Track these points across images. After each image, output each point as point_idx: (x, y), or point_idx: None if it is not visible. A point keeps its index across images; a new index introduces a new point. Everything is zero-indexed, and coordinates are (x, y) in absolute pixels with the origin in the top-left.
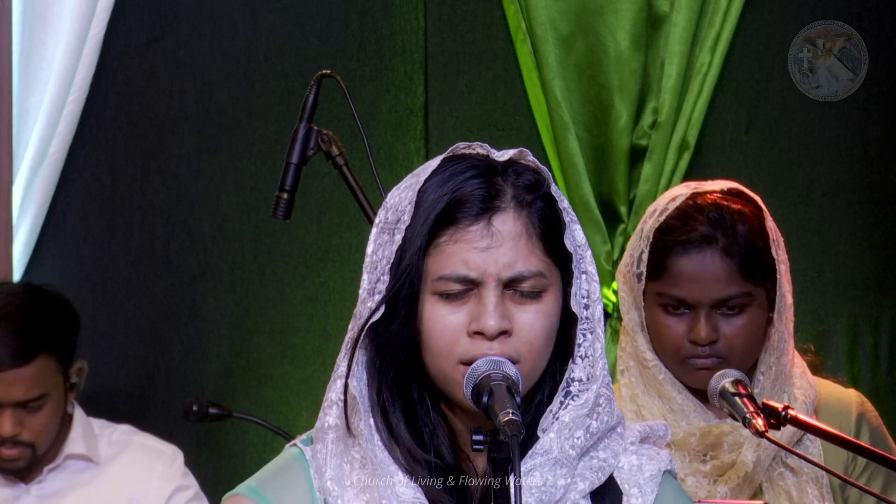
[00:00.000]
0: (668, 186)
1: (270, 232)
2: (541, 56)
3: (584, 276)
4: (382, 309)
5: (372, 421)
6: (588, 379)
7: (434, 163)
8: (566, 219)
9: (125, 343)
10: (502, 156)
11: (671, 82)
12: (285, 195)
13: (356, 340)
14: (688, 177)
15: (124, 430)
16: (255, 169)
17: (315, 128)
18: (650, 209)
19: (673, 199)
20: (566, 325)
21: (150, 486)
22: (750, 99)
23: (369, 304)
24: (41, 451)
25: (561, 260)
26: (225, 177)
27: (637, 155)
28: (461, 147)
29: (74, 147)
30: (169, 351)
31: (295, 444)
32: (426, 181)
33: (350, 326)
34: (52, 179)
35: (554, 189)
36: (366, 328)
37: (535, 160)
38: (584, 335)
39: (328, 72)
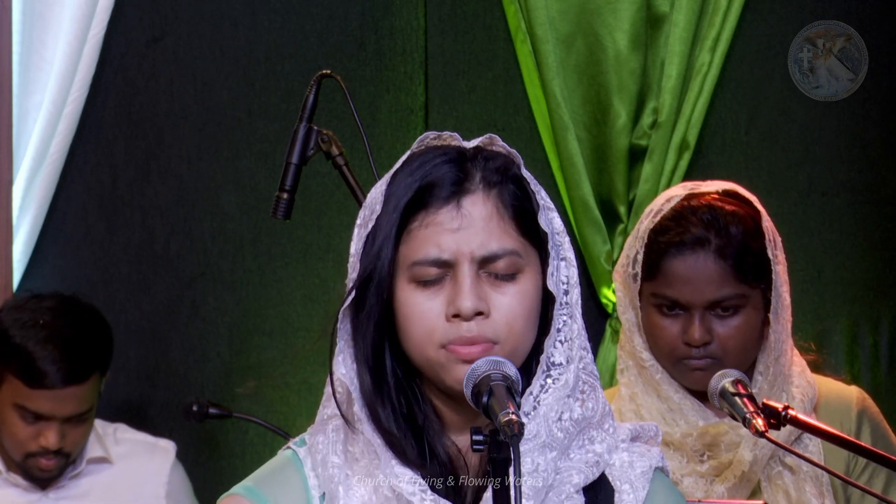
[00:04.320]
0: (668, 186)
1: (270, 232)
2: (541, 56)
3: (563, 263)
4: (353, 295)
5: (366, 409)
6: (567, 362)
7: (406, 156)
8: (539, 201)
9: (125, 343)
10: (471, 143)
11: (671, 82)
12: (285, 195)
13: (333, 327)
14: (688, 177)
15: (122, 428)
16: (255, 169)
17: (315, 128)
18: (647, 209)
19: (668, 200)
20: (546, 306)
21: (160, 485)
22: (750, 99)
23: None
24: (72, 460)
25: (537, 241)
26: (225, 177)
27: (637, 155)
28: (430, 137)
29: (74, 147)
30: (169, 351)
31: (289, 447)
32: (396, 172)
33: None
34: (52, 179)
35: (525, 172)
36: (344, 331)
37: (506, 145)
38: (563, 320)
39: (328, 72)
